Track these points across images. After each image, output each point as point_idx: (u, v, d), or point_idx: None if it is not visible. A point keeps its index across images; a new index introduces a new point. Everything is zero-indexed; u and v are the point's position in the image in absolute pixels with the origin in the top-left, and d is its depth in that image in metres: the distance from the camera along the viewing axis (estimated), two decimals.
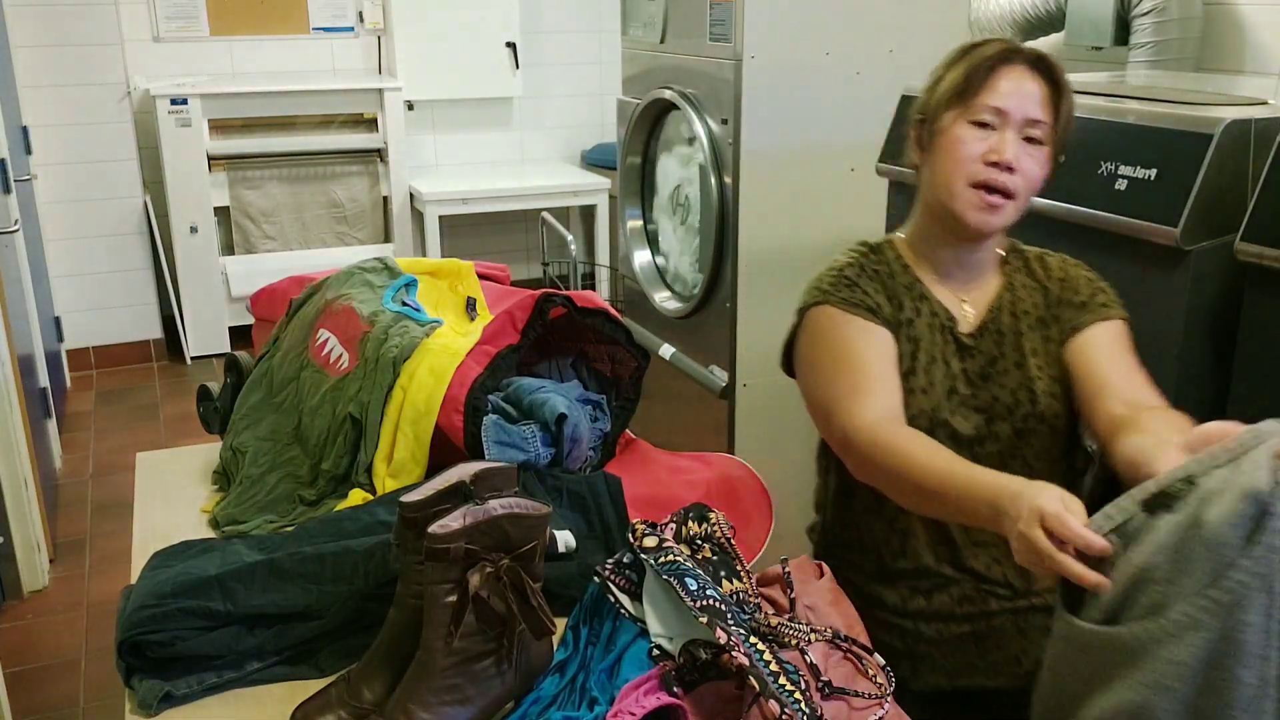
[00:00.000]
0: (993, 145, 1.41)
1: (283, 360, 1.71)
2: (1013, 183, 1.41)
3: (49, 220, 4.46)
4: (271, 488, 1.54)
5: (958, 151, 1.42)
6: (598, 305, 1.57)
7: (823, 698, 1.12)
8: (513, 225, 5.42)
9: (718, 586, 1.17)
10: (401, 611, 1.14)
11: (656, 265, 3.23)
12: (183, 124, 4.44)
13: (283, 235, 4.83)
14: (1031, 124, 1.42)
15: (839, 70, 2.65)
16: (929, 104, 1.49)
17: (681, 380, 2.95)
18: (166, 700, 1.15)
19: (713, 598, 1.12)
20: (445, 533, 1.06)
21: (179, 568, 1.26)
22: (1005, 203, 1.42)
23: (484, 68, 5.08)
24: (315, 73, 4.96)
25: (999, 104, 1.41)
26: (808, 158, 2.68)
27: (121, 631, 1.17)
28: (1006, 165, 1.40)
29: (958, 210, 1.44)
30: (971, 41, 1.51)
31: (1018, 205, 1.44)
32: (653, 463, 1.62)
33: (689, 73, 2.80)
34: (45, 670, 2.65)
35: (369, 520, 1.35)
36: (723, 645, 1.05)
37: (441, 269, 1.81)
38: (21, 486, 2.83)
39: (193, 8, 4.69)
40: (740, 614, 1.16)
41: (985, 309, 1.53)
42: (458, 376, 1.46)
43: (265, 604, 1.20)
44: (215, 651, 1.18)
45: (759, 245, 2.69)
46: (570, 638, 1.21)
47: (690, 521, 1.27)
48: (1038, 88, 1.43)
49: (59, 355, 4.36)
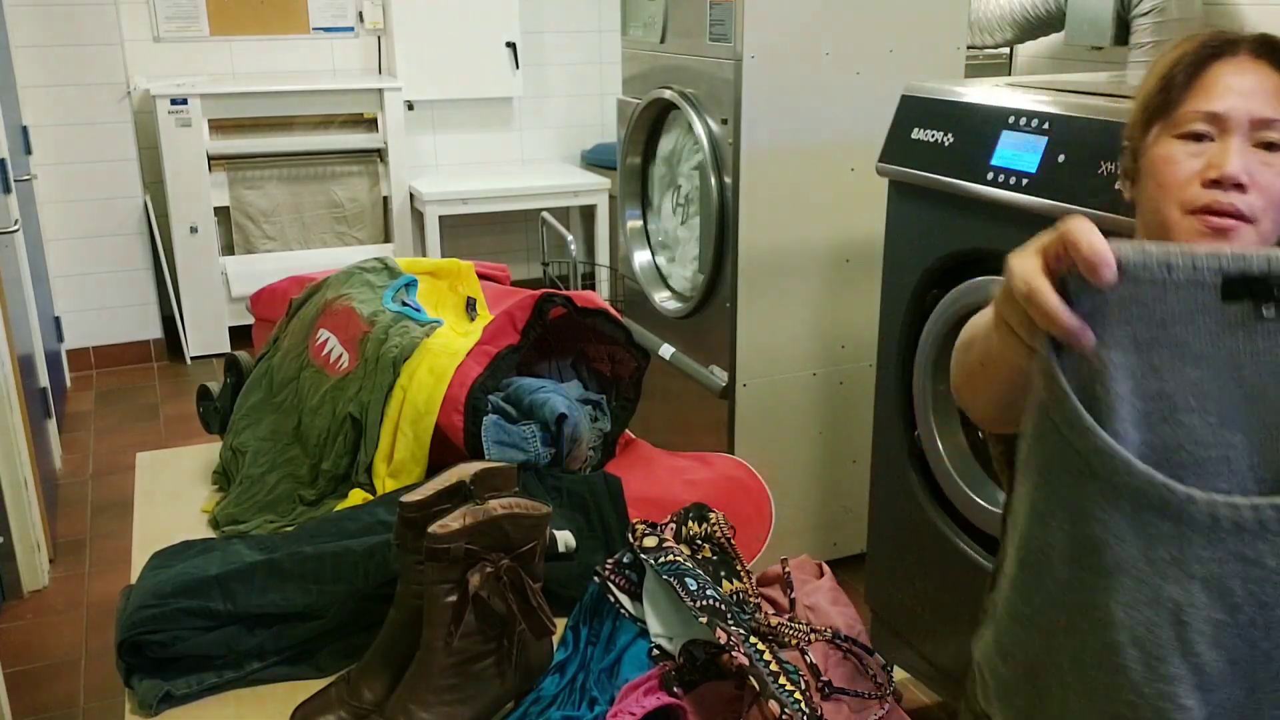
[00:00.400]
0: (1211, 159, 1.11)
1: (283, 360, 1.71)
2: (1245, 202, 1.10)
3: (49, 220, 4.46)
4: (271, 488, 1.54)
5: (1165, 175, 1.14)
6: (598, 305, 1.57)
7: (823, 698, 1.12)
8: (513, 225, 5.42)
9: (718, 586, 1.17)
10: (401, 611, 1.14)
11: (656, 265, 3.23)
12: (183, 124, 4.44)
13: (283, 235, 4.83)
14: (1263, 125, 1.11)
15: (839, 70, 2.65)
16: (1130, 125, 1.21)
17: (681, 380, 2.95)
18: (166, 700, 1.15)
19: (713, 598, 1.12)
20: (445, 533, 1.06)
21: (179, 568, 1.26)
22: (1237, 225, 1.11)
23: (484, 68, 5.08)
24: (315, 73, 4.96)
25: (1211, 108, 1.13)
26: (808, 158, 2.68)
27: (121, 631, 1.17)
28: (1233, 182, 1.09)
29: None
30: (1184, 36, 1.25)
31: (1262, 229, 1.12)
32: (653, 463, 1.62)
33: (689, 73, 2.80)
34: (45, 670, 2.65)
35: (369, 520, 1.35)
36: (723, 645, 1.05)
37: (441, 269, 1.81)
38: (21, 486, 2.83)
39: (193, 8, 4.69)
40: (740, 614, 1.16)
41: None
42: (458, 376, 1.46)
43: (265, 604, 1.20)
44: (215, 651, 1.18)
45: (759, 245, 2.69)
46: (570, 638, 1.21)
47: (690, 521, 1.27)
48: (1264, 78, 1.14)
49: (59, 355, 4.36)
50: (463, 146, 5.29)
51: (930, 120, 2.21)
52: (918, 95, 2.26)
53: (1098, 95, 2.02)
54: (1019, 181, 1.99)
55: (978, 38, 3.34)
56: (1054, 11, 3.15)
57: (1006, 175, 2.01)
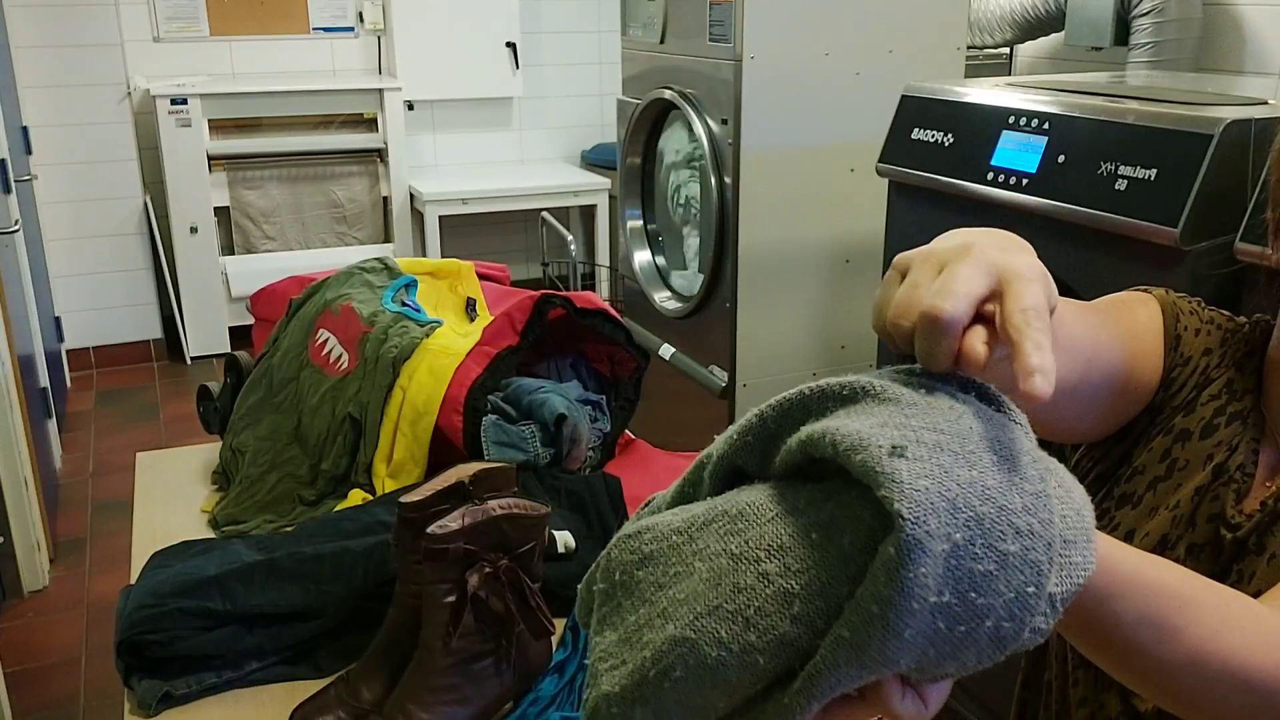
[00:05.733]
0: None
1: (282, 360, 1.71)
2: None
3: (49, 220, 4.46)
4: (271, 488, 1.54)
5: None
6: (597, 306, 1.56)
7: None
8: (513, 225, 5.42)
9: None
10: (400, 611, 1.14)
11: (656, 265, 3.23)
12: (183, 124, 4.44)
13: (283, 235, 4.83)
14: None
15: (839, 70, 2.65)
16: (1273, 165, 0.89)
17: (681, 380, 2.95)
18: (166, 700, 1.15)
19: None
20: (444, 533, 1.06)
21: (179, 568, 1.26)
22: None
23: (484, 68, 5.08)
24: (315, 73, 4.96)
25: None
26: (808, 158, 2.68)
27: (121, 631, 1.17)
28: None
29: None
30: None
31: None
32: (653, 463, 1.62)
33: (689, 73, 2.80)
34: (45, 670, 2.65)
35: (368, 520, 1.35)
36: None
37: (441, 269, 1.81)
38: (21, 486, 2.83)
39: (193, 8, 4.69)
40: None
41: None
42: (457, 377, 1.46)
43: (264, 604, 1.20)
44: (214, 651, 1.18)
45: (759, 245, 2.69)
46: (569, 638, 1.21)
47: None
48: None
49: (59, 355, 4.36)
50: (463, 146, 5.29)
51: (930, 120, 2.21)
52: (918, 95, 2.26)
53: (1098, 95, 2.02)
54: (1019, 181, 1.99)
55: (978, 38, 3.34)
56: (1054, 11, 3.15)
57: (1006, 175, 2.01)
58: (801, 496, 0.50)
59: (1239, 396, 0.92)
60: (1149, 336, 0.91)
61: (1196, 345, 0.93)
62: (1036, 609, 0.47)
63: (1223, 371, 0.92)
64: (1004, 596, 0.46)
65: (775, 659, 0.47)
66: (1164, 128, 1.80)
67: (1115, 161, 1.85)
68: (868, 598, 0.45)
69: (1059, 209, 1.91)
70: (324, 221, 4.89)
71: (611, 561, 0.54)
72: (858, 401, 0.51)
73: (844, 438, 0.47)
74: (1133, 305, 0.93)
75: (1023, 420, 0.52)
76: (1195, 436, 0.91)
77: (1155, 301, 0.93)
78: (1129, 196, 1.81)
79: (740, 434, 0.54)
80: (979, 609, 0.45)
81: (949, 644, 0.46)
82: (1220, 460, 0.90)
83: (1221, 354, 0.93)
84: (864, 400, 0.50)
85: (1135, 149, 1.83)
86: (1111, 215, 1.83)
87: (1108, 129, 1.89)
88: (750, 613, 0.47)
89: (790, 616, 0.46)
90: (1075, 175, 1.89)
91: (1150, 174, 1.78)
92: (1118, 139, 1.86)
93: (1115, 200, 1.83)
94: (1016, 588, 0.46)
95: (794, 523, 0.48)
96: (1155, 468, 0.93)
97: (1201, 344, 0.93)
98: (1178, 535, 0.90)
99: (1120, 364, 0.87)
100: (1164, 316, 0.92)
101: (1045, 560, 0.47)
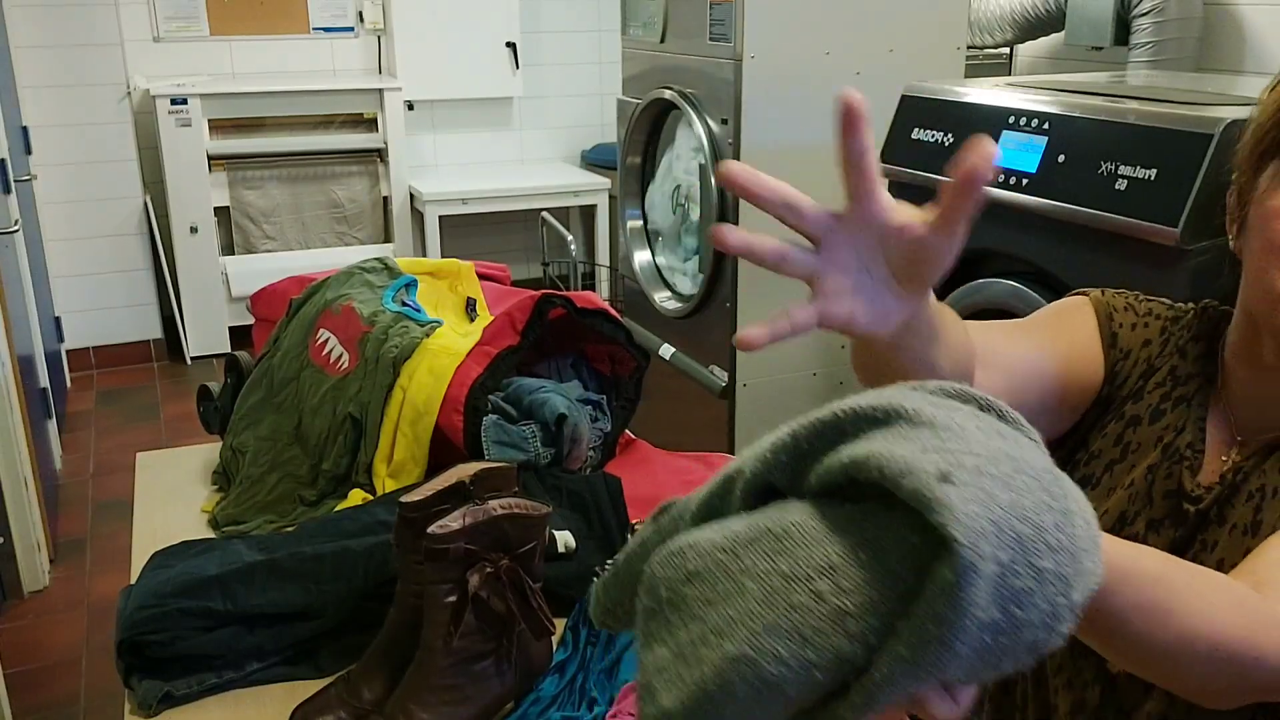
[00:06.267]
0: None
1: (283, 360, 1.71)
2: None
3: (49, 220, 4.46)
4: (271, 488, 1.54)
5: (1272, 230, 0.85)
6: (597, 305, 1.56)
7: None
8: (513, 225, 5.42)
9: None
10: (401, 611, 1.14)
11: (656, 265, 3.23)
12: (183, 124, 4.44)
13: (283, 235, 4.83)
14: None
15: (839, 70, 2.65)
16: (1238, 158, 0.92)
17: (681, 380, 2.95)
18: (166, 700, 1.15)
19: None
20: (445, 533, 1.06)
21: (179, 568, 1.26)
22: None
23: (484, 68, 5.07)
24: (315, 73, 4.96)
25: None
26: (808, 158, 2.68)
27: (121, 631, 1.17)
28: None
29: (1274, 328, 0.87)
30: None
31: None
32: (653, 463, 1.62)
33: (689, 73, 2.80)
34: (45, 670, 2.65)
35: (368, 520, 1.35)
36: None
37: (441, 269, 1.81)
38: (21, 486, 2.83)
39: (193, 8, 4.69)
40: None
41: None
42: (457, 377, 1.46)
43: (265, 604, 1.20)
44: (215, 651, 1.18)
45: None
46: (570, 638, 1.21)
47: None
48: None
49: (59, 355, 4.36)
50: (463, 146, 5.29)
51: (930, 120, 2.21)
52: (918, 95, 2.26)
53: (1098, 95, 2.02)
54: (1019, 181, 1.99)
55: (978, 38, 3.34)
56: (1054, 11, 3.15)
57: (1006, 175, 2.01)
58: (841, 516, 0.52)
59: (1183, 381, 0.99)
60: (1085, 339, 1.00)
61: (1135, 339, 1.01)
62: (1066, 617, 0.51)
63: (1165, 360, 1.00)
64: (1041, 609, 0.49)
65: (832, 674, 0.50)
66: (1164, 127, 1.80)
67: (1115, 161, 1.85)
68: (925, 617, 0.48)
69: (1059, 209, 1.91)
70: (324, 221, 4.89)
71: (656, 578, 0.55)
72: (891, 424, 0.53)
73: (889, 463, 0.49)
74: (1069, 313, 1.01)
75: (1037, 436, 0.56)
76: (1145, 421, 0.99)
77: (1090, 304, 1.02)
78: (1129, 196, 1.81)
79: (774, 452, 0.57)
80: (1020, 622, 0.49)
81: (993, 654, 0.49)
82: (1169, 440, 0.97)
83: (1163, 343, 1.00)
84: (897, 423, 0.53)
85: (1135, 149, 1.83)
86: (1112, 215, 1.83)
87: (1108, 129, 1.89)
88: (807, 631, 0.49)
89: (845, 633, 0.49)
90: (1075, 175, 1.89)
91: (1150, 174, 1.79)
92: (1118, 139, 1.86)
93: (1115, 200, 1.83)
94: (1051, 600, 0.50)
95: (841, 543, 0.51)
96: (1110, 451, 1.00)
97: (1140, 336, 1.01)
98: (1135, 511, 0.97)
99: (1056, 374, 0.96)
100: (1098, 318, 1.01)
101: (1073, 572, 0.51)
